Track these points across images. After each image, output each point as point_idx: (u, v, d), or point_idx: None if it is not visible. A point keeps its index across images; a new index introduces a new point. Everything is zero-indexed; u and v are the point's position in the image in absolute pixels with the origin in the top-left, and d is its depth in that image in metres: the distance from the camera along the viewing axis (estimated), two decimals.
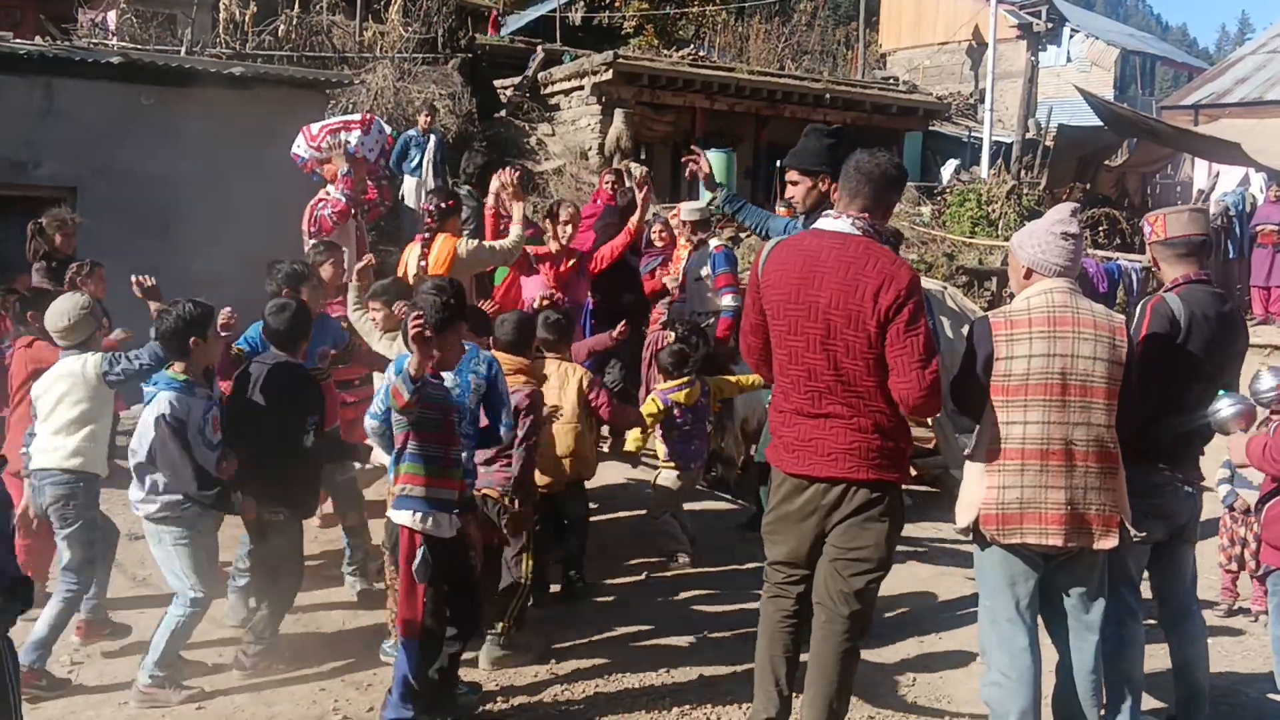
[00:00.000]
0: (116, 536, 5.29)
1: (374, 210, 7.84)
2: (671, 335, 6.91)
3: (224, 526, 5.11)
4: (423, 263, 6.32)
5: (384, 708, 4.38)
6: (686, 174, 5.77)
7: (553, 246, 7.37)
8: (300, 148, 7.51)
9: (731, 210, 5.77)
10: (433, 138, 12.80)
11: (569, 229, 7.41)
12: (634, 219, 7.67)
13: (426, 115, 12.99)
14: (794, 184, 4.95)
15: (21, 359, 5.55)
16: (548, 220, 7.63)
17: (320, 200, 7.20)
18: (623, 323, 6.73)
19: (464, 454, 4.37)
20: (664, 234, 8.67)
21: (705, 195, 6.07)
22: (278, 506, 4.90)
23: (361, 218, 7.71)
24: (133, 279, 5.25)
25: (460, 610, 4.43)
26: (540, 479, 5.37)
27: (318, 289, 5.76)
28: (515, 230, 6.59)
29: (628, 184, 9.29)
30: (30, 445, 4.93)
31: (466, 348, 4.45)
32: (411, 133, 12.89)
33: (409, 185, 12.48)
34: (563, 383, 5.66)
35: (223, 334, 5.03)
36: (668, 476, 6.41)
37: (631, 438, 6.50)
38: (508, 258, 6.79)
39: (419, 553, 4.21)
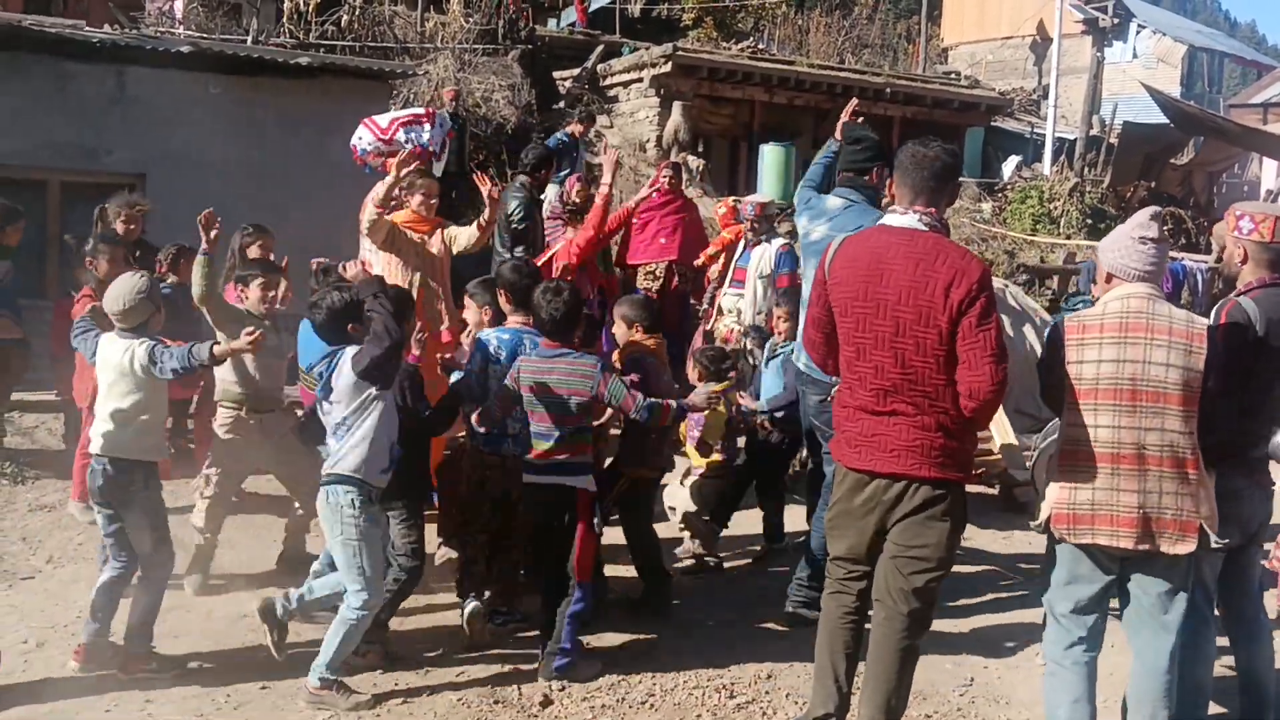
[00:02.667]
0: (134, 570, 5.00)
1: None
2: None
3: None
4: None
5: (558, 652, 4.81)
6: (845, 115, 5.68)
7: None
8: (363, 139, 7.54)
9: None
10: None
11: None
12: (594, 217, 7.38)
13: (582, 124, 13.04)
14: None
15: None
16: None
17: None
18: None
19: None
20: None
21: (765, 189, 6.13)
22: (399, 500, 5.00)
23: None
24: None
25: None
26: None
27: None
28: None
29: (684, 178, 9.37)
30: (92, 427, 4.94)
31: None
32: (562, 135, 12.56)
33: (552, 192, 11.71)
34: None
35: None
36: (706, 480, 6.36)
37: (694, 457, 6.39)
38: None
39: (596, 507, 4.95)
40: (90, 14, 15.89)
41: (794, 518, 6.77)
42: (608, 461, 5.79)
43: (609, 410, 5.18)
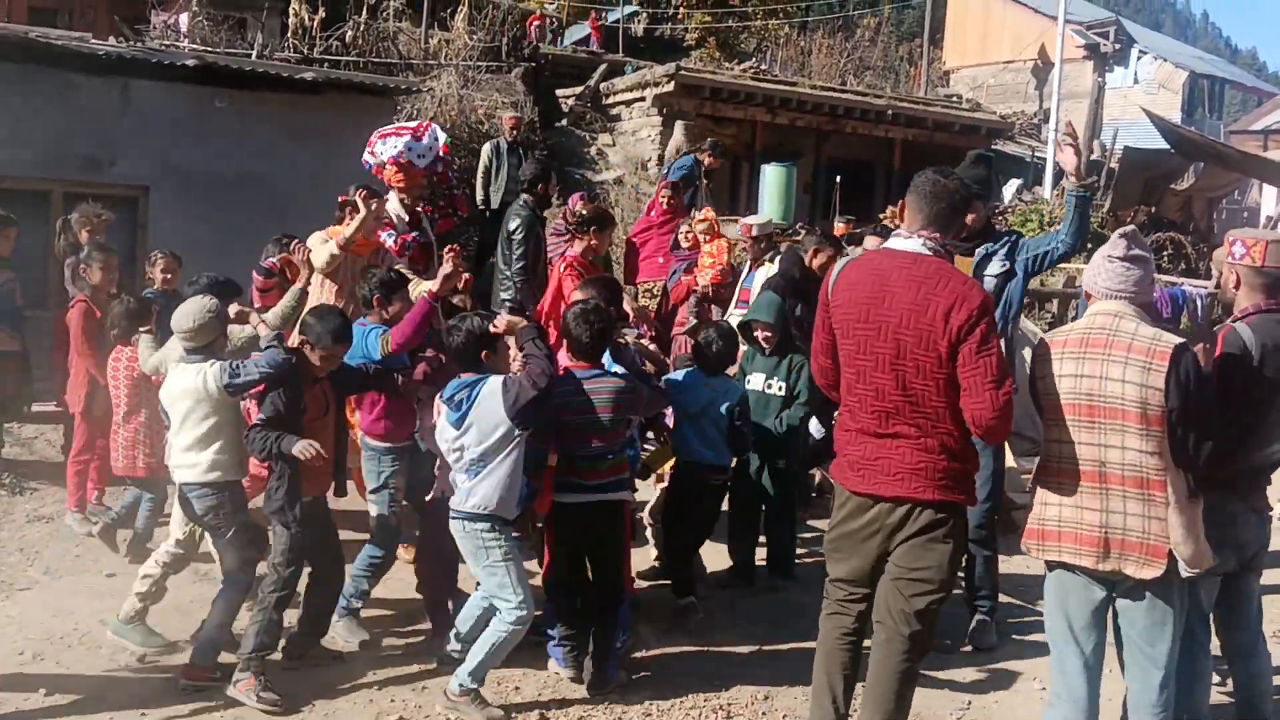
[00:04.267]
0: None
1: (446, 220, 7.72)
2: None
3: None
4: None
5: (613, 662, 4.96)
6: (1057, 157, 5.50)
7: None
8: (366, 154, 7.58)
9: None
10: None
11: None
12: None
13: (710, 151, 12.18)
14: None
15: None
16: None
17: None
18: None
19: None
20: (691, 236, 8.79)
21: (766, 210, 6.15)
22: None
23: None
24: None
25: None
26: None
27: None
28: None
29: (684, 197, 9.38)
30: (170, 457, 4.95)
31: None
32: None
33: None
34: None
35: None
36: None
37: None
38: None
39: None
40: (96, 27, 15.97)
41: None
42: None
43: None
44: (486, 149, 12.01)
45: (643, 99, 17.05)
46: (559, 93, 18.01)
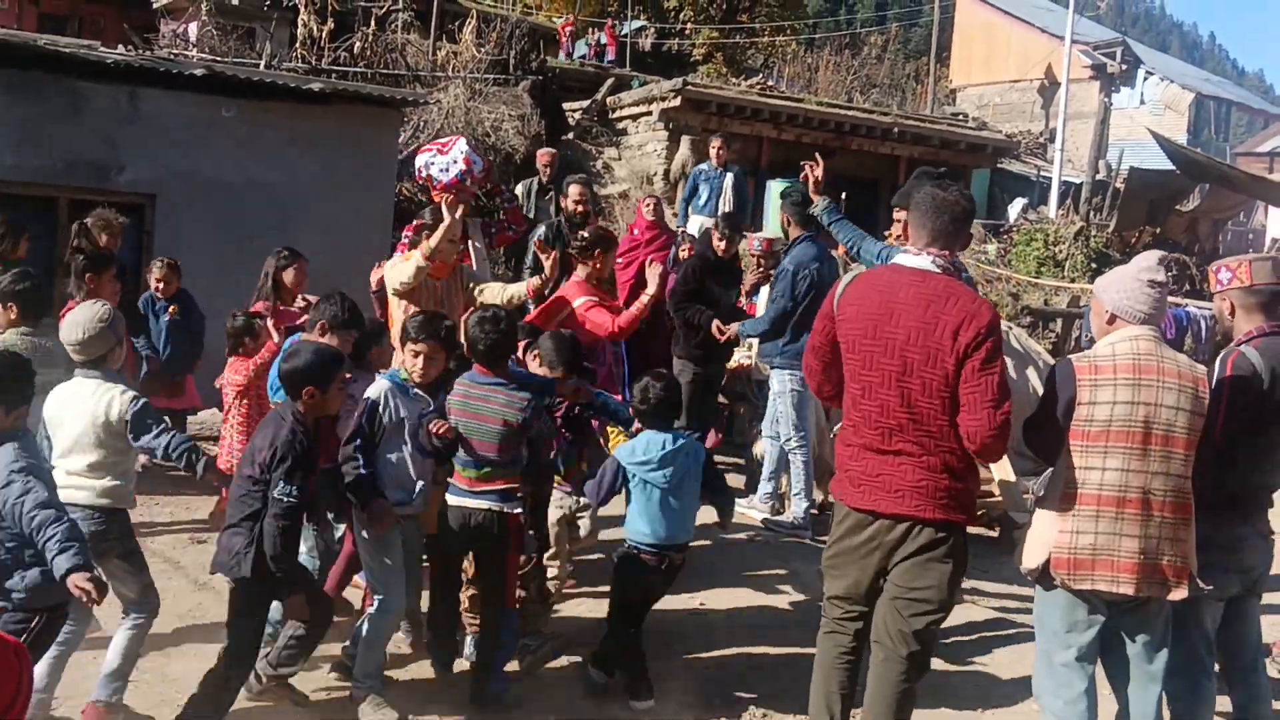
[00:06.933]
0: (86, 626, 4.48)
1: (502, 236, 7.62)
2: None
3: None
4: None
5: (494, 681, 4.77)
6: (801, 176, 5.89)
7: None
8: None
9: (829, 220, 6.07)
10: (729, 174, 12.07)
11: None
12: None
13: (720, 147, 12.20)
14: (898, 221, 5.79)
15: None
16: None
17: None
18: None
19: None
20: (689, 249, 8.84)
21: (773, 225, 6.22)
22: None
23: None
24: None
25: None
26: None
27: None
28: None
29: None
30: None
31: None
32: (703, 167, 12.40)
33: (696, 223, 11.54)
34: None
35: None
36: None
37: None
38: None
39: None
40: (105, 35, 16.03)
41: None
42: None
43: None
44: (520, 189, 11.14)
45: (649, 113, 17.11)
46: (566, 106, 18.08)
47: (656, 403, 4.94)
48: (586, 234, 6.80)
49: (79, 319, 4.39)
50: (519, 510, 4.80)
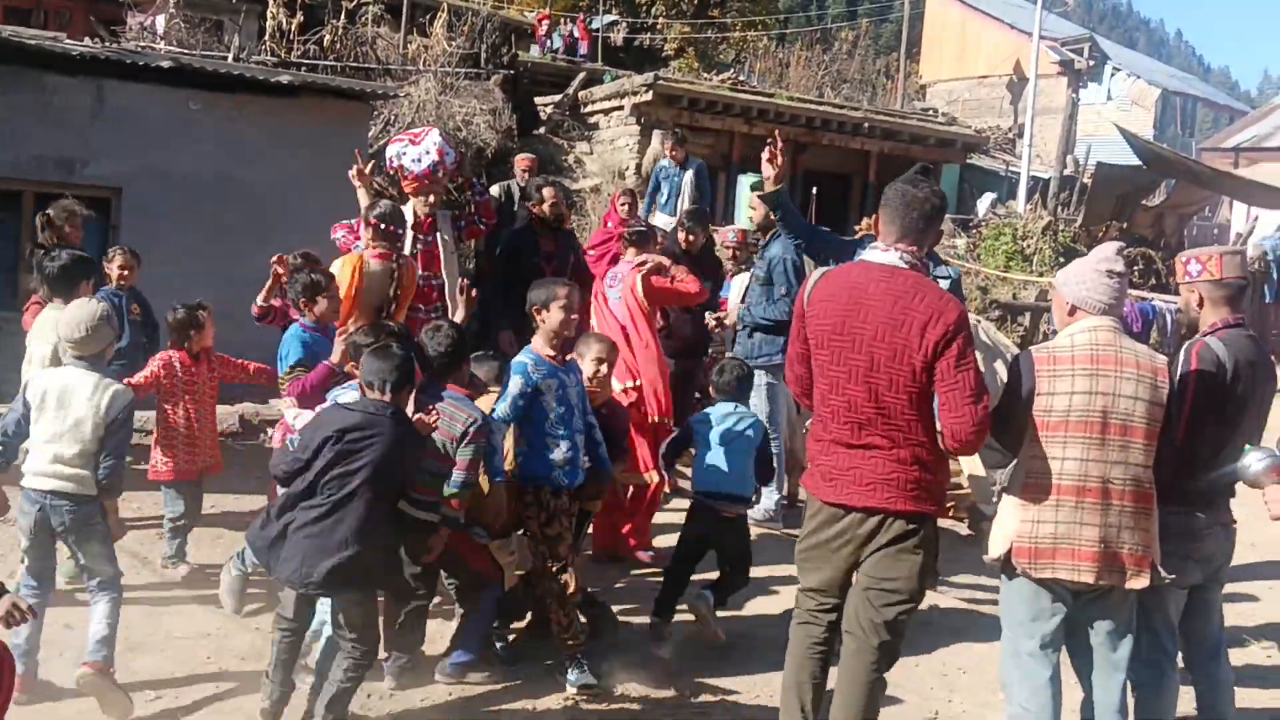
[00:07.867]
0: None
1: (472, 229, 7.53)
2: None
3: None
4: None
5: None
6: (766, 154, 5.79)
7: None
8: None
9: (780, 212, 6.07)
10: (689, 170, 11.93)
11: None
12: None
13: (671, 147, 12.13)
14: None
15: None
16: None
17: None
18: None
19: None
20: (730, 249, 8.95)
21: (744, 219, 6.25)
22: None
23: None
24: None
25: None
26: None
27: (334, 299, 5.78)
28: None
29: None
30: (28, 461, 4.65)
31: None
32: (664, 164, 12.31)
33: (660, 220, 11.36)
34: None
35: None
36: None
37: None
38: None
39: None
40: (72, 27, 15.86)
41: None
42: None
43: None
44: (496, 190, 10.59)
45: (621, 108, 17.09)
46: (537, 100, 18.02)
47: (731, 379, 5.86)
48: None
49: (79, 317, 4.61)
50: (432, 519, 4.77)
